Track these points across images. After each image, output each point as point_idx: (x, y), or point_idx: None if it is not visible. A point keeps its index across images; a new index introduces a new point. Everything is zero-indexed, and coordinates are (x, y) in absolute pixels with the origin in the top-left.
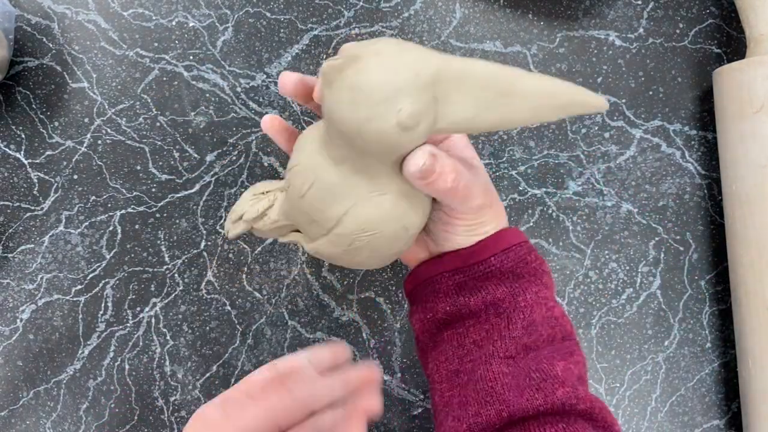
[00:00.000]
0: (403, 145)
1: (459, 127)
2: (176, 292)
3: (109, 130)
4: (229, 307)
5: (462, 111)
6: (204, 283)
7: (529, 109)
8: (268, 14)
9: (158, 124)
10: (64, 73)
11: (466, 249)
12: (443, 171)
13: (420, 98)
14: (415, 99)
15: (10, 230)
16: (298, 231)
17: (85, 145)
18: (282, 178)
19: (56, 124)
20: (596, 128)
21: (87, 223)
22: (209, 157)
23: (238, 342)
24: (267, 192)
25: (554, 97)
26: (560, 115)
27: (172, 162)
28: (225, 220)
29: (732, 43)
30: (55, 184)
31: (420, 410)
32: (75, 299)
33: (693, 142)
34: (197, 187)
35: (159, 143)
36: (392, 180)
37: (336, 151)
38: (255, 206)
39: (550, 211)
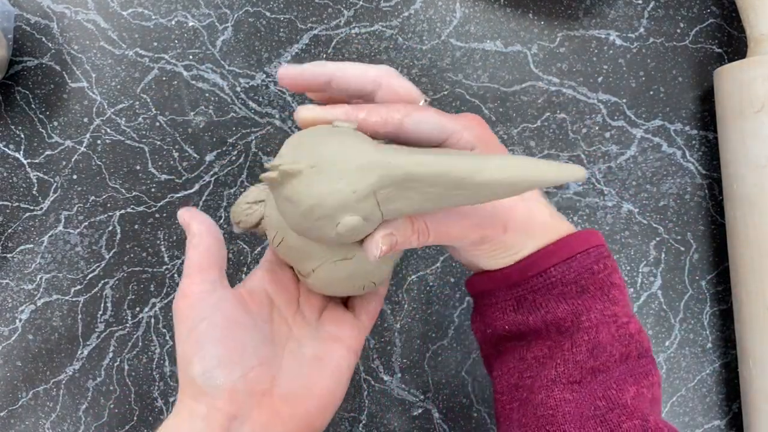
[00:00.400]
0: (351, 240)
1: (409, 213)
2: (176, 292)
3: (108, 129)
4: None
5: (408, 207)
6: None
7: (485, 196)
8: (268, 14)
9: (158, 123)
10: (64, 72)
11: (525, 259)
12: (405, 240)
13: (359, 210)
14: (354, 212)
15: (10, 230)
16: None
17: (84, 145)
18: None
19: (55, 123)
20: (597, 128)
21: (86, 223)
22: (209, 157)
23: None
24: (259, 202)
25: (515, 185)
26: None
27: (172, 162)
28: (223, 220)
29: (733, 42)
30: (55, 184)
31: (420, 410)
32: (74, 299)
33: (694, 142)
34: (197, 187)
35: (158, 143)
36: (355, 246)
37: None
38: (249, 218)
39: None
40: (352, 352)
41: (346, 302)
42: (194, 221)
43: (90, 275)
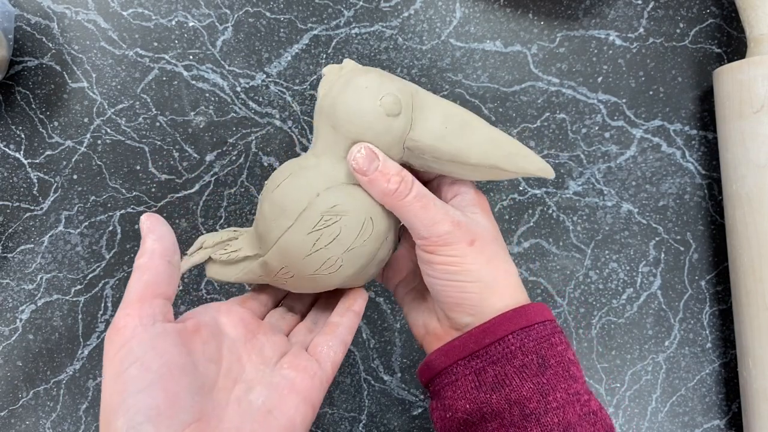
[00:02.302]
0: (385, 129)
1: (426, 144)
2: (176, 292)
3: (108, 129)
4: None
5: (431, 128)
6: (204, 283)
7: (481, 146)
8: (268, 14)
9: (158, 123)
10: (64, 72)
11: (479, 327)
12: (385, 171)
13: (402, 93)
14: (398, 92)
15: (10, 230)
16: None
17: (84, 145)
18: None
19: (56, 123)
20: (596, 128)
21: (87, 223)
22: (209, 157)
23: None
24: (235, 231)
25: (501, 144)
26: (506, 167)
27: (172, 162)
28: (223, 220)
29: (732, 42)
30: (55, 184)
31: (420, 410)
32: (75, 299)
33: (693, 142)
34: (197, 187)
35: (159, 143)
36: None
37: (320, 143)
38: (218, 234)
39: (550, 211)
40: (310, 406)
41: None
42: (150, 236)
43: (90, 275)
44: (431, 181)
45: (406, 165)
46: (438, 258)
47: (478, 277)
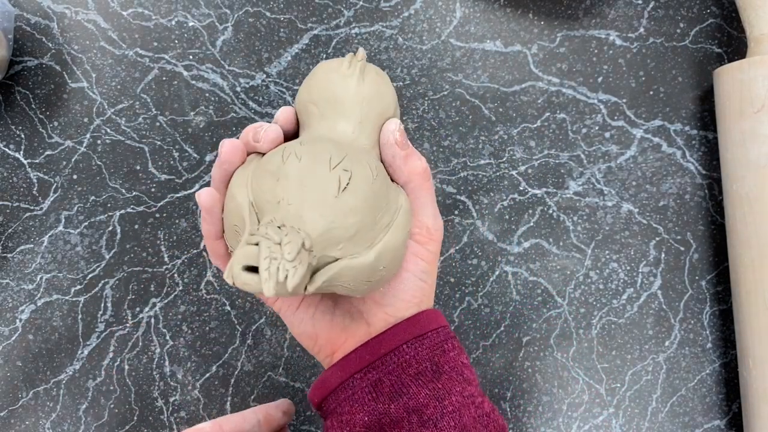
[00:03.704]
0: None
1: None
2: (176, 292)
3: (108, 129)
4: (228, 307)
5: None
6: (204, 283)
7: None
8: (268, 14)
9: (158, 123)
10: (64, 72)
11: (375, 338)
12: (416, 152)
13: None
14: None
15: (10, 230)
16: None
17: (84, 145)
18: None
19: (55, 123)
20: (597, 128)
21: (86, 223)
22: (209, 157)
23: (237, 342)
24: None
25: None
26: None
27: (172, 162)
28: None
29: (732, 42)
30: (55, 184)
31: None
32: (74, 299)
33: (694, 142)
34: (197, 187)
35: (158, 143)
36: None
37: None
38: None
39: (550, 211)
40: None
41: None
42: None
43: (90, 275)
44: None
45: None
46: (423, 252)
47: (433, 280)
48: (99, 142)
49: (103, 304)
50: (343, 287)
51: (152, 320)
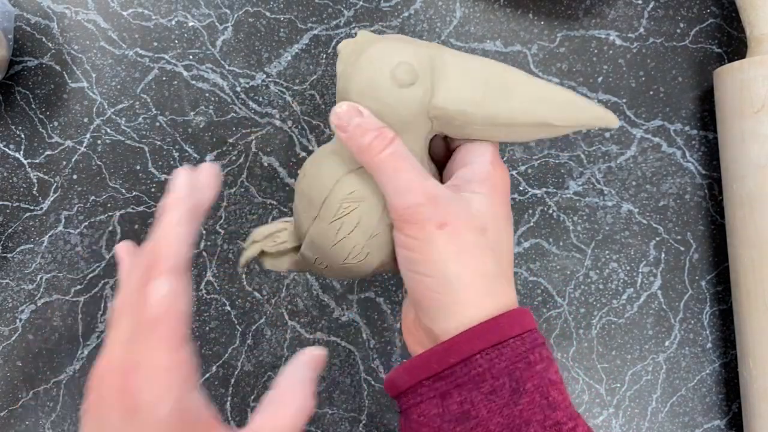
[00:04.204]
0: (401, 103)
1: (453, 111)
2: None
3: (108, 130)
4: (228, 307)
5: (455, 92)
6: (204, 283)
7: (523, 105)
8: (268, 14)
9: (158, 123)
10: (64, 72)
11: (442, 344)
12: (364, 126)
13: (417, 58)
14: (412, 58)
15: (10, 230)
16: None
17: (84, 145)
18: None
19: (55, 123)
20: (597, 128)
21: (86, 223)
22: (209, 157)
23: (237, 342)
24: (285, 221)
25: (548, 98)
26: (557, 122)
27: (172, 162)
28: (223, 220)
29: (732, 42)
30: (55, 184)
31: None
32: (74, 299)
33: (694, 142)
34: None
35: (158, 143)
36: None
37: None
38: (268, 226)
39: (550, 211)
40: None
41: None
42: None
43: (90, 275)
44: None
45: (443, 138)
46: (401, 238)
47: (441, 271)
48: (99, 142)
49: (103, 304)
50: (324, 272)
51: None
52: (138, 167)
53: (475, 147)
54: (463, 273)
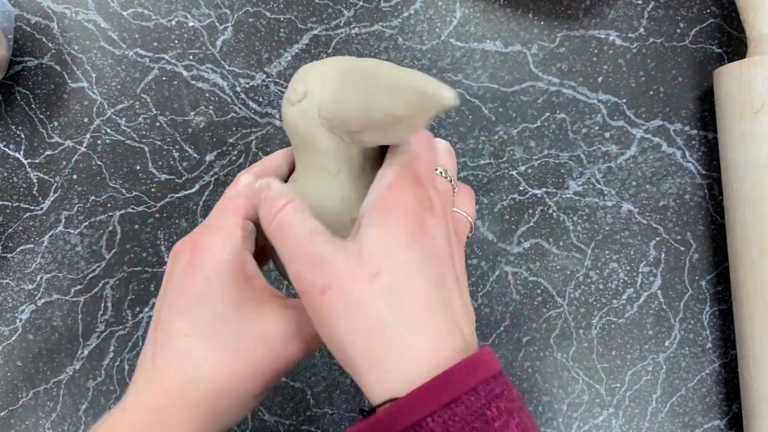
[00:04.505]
0: (296, 119)
1: (334, 115)
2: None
3: (108, 130)
4: None
5: (337, 95)
6: None
7: (375, 100)
8: (268, 14)
9: (158, 124)
10: (64, 72)
11: (387, 409)
12: (264, 198)
13: (312, 75)
14: (307, 77)
15: (10, 230)
16: None
17: (84, 145)
18: None
19: (56, 123)
20: (597, 128)
21: (86, 223)
22: (209, 157)
23: None
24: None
25: (401, 81)
26: (404, 111)
27: (172, 162)
28: None
29: (732, 42)
30: (55, 184)
31: None
32: (74, 299)
33: (694, 142)
34: (197, 187)
35: (158, 143)
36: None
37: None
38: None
39: (550, 211)
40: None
41: None
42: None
43: (90, 275)
44: None
45: (364, 151)
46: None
47: (335, 341)
48: (99, 142)
49: (103, 304)
50: None
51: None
52: (138, 167)
53: (384, 166)
54: (355, 338)
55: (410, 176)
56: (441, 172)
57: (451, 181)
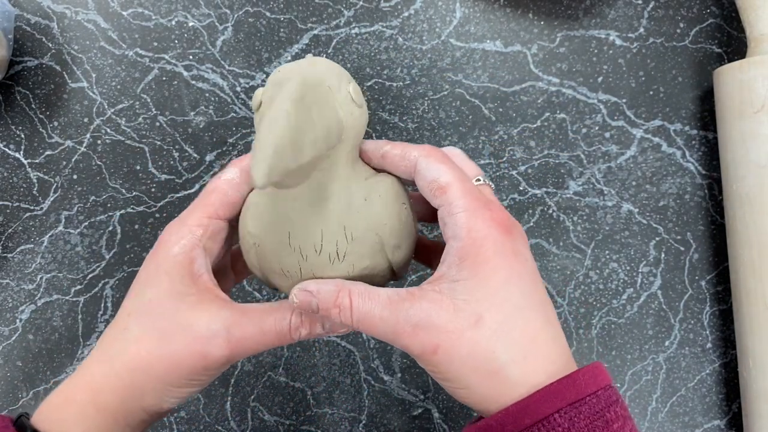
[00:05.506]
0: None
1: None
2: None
3: (108, 130)
4: None
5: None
6: None
7: None
8: (268, 14)
9: (158, 123)
10: (64, 72)
11: (517, 404)
12: (326, 305)
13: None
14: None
15: (10, 230)
16: None
17: (84, 145)
18: None
19: (56, 124)
20: (597, 128)
21: (86, 223)
22: (209, 157)
23: None
24: None
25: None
26: None
27: (172, 162)
28: None
29: (732, 42)
30: (55, 184)
31: (420, 410)
32: (74, 299)
33: (693, 142)
34: (197, 187)
35: (158, 143)
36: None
37: None
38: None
39: (550, 211)
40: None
41: None
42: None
43: (90, 275)
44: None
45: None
46: (431, 370)
47: (462, 382)
48: (99, 142)
49: (103, 304)
50: None
51: None
52: (138, 167)
53: (444, 208)
54: (478, 381)
55: (478, 203)
56: (481, 180)
57: (489, 183)
